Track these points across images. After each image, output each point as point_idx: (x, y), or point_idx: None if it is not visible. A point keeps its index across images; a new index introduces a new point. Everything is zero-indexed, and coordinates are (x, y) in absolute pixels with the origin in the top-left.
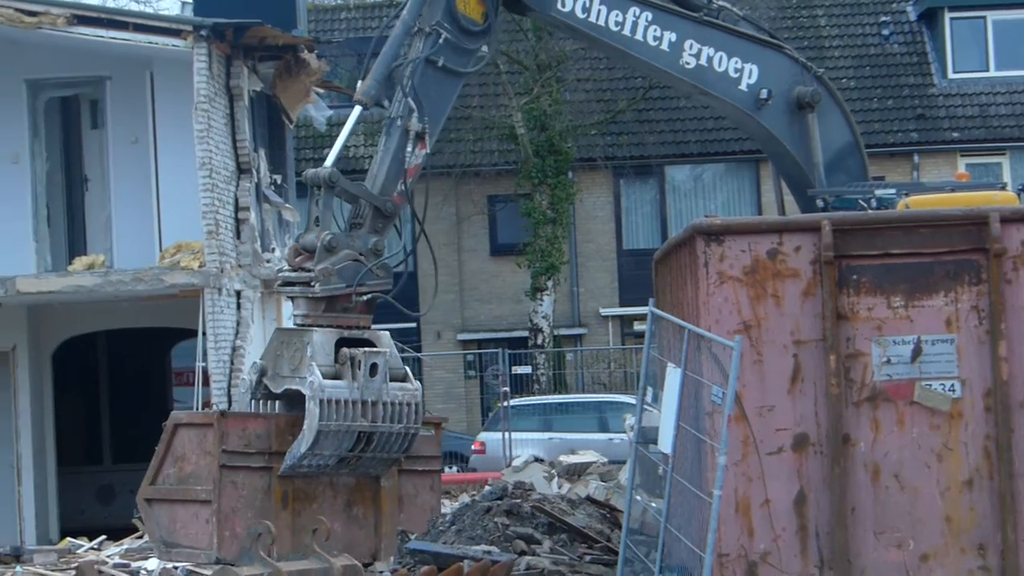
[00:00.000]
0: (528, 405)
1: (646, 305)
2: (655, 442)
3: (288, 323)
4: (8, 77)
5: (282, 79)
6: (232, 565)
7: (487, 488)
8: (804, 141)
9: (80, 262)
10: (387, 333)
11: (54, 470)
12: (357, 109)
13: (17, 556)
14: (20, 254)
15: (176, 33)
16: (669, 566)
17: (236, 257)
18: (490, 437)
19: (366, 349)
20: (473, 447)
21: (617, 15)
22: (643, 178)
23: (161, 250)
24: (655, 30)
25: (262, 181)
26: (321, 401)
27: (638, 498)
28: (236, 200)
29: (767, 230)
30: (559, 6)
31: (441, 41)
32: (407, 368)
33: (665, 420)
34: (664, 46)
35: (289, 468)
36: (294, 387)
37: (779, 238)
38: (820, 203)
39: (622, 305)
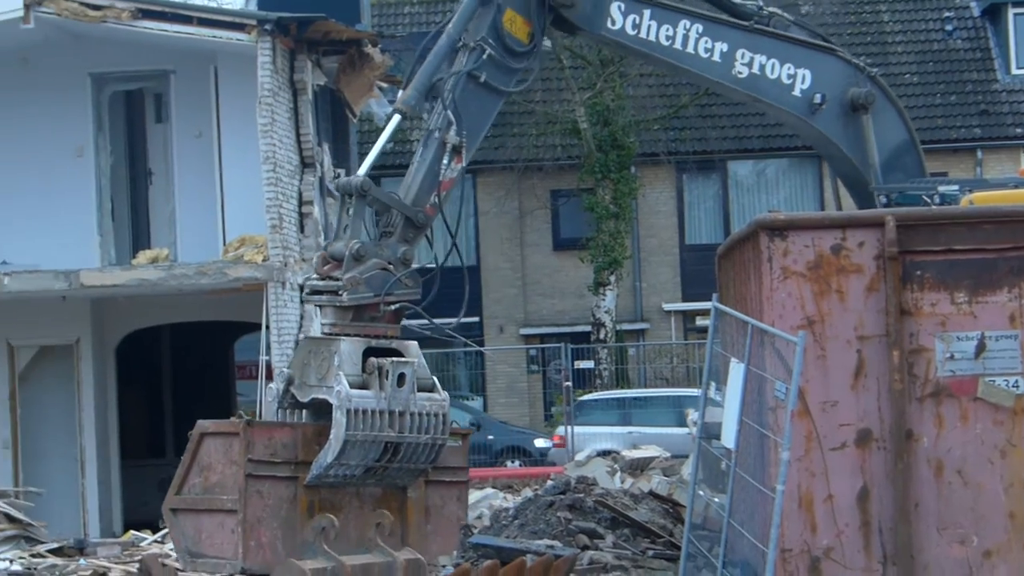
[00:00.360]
0: (605, 399)
1: (708, 300)
2: (718, 437)
3: None
4: (73, 71)
5: (346, 73)
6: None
7: (550, 483)
8: (860, 143)
9: (144, 256)
10: (415, 343)
11: (117, 463)
12: (396, 118)
13: (81, 549)
14: (84, 248)
15: (240, 27)
16: (732, 561)
17: (299, 251)
18: (570, 431)
19: (394, 359)
20: (552, 441)
21: (667, 30)
22: (706, 173)
23: (225, 244)
24: (706, 42)
25: (325, 175)
26: (348, 411)
27: (701, 493)
28: (300, 194)
29: (831, 225)
30: (609, 25)
31: (484, 57)
32: (435, 378)
33: (728, 415)
34: (716, 57)
35: (315, 478)
36: (321, 396)
37: (843, 233)
38: (883, 199)
39: (684, 300)
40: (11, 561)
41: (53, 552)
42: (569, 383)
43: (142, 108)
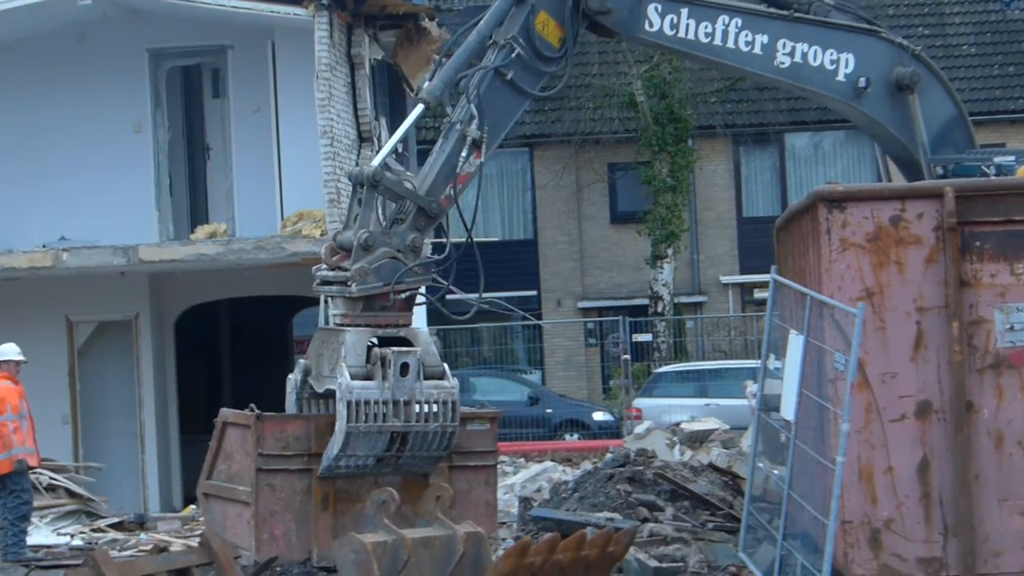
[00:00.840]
0: (682, 371)
1: (766, 273)
2: (777, 409)
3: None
4: (130, 47)
5: (403, 48)
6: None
7: (609, 455)
8: (907, 122)
9: (202, 231)
10: (425, 331)
11: (177, 438)
12: (418, 107)
13: (141, 523)
14: (142, 223)
15: (297, 2)
16: (792, 533)
17: None
18: (647, 403)
19: (395, 348)
20: (631, 412)
21: (706, 26)
22: (762, 145)
23: (283, 218)
24: (746, 35)
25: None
26: (349, 403)
27: (760, 465)
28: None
29: (890, 197)
30: (646, 27)
31: (513, 56)
32: (445, 365)
33: (787, 387)
34: (757, 50)
35: (326, 470)
36: (332, 387)
37: (902, 205)
38: (939, 170)
39: (742, 273)
40: (72, 536)
41: (113, 527)
42: (627, 356)
43: (200, 83)
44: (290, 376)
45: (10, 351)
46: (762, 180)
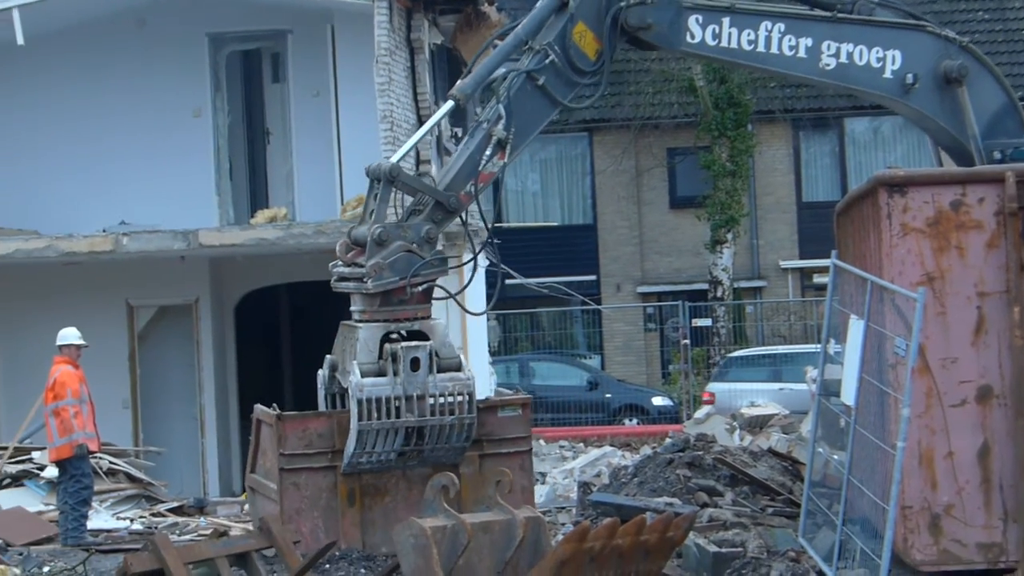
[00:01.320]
0: (755, 356)
1: (825, 257)
2: (837, 394)
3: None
4: (190, 31)
5: (462, 32)
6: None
7: (669, 440)
8: (957, 114)
9: (262, 215)
10: (442, 322)
11: (237, 422)
12: (448, 104)
13: (201, 508)
14: (202, 207)
15: None
16: (852, 518)
17: None
18: (719, 388)
19: (405, 344)
20: (703, 397)
21: (749, 34)
22: (822, 130)
23: (343, 203)
24: (790, 40)
25: (443, 134)
26: (360, 400)
27: (820, 450)
28: (417, 153)
29: (950, 181)
30: (688, 39)
31: (547, 62)
32: (461, 357)
33: (848, 372)
34: (801, 53)
35: (348, 467)
36: None
37: (962, 189)
38: (997, 155)
39: (801, 257)
40: (132, 520)
41: (173, 511)
42: (687, 341)
43: (259, 68)
44: (319, 372)
45: (70, 335)
46: (822, 165)
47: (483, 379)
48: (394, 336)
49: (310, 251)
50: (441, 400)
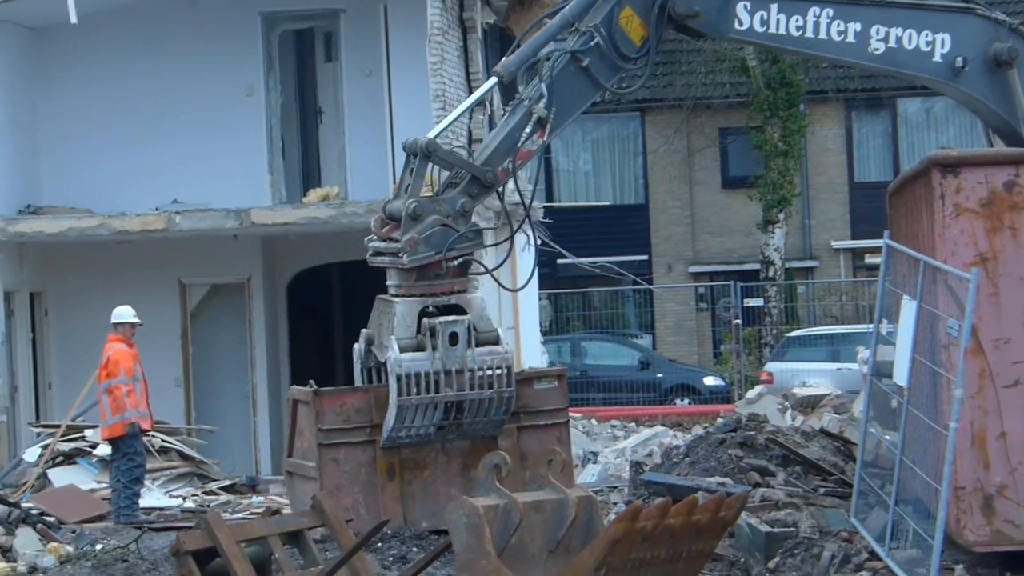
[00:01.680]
0: (813, 336)
1: (877, 238)
2: (890, 375)
3: (522, 254)
4: (243, 10)
5: (515, 12)
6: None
7: (720, 420)
8: (1008, 97)
9: (314, 194)
10: (480, 296)
11: (288, 401)
12: (491, 81)
13: (253, 486)
14: (255, 186)
15: None
16: (904, 499)
17: None
18: (778, 367)
19: (443, 318)
20: (761, 377)
21: (797, 20)
22: (874, 111)
23: (395, 182)
24: (838, 25)
25: (495, 113)
26: (399, 376)
27: (872, 431)
28: (469, 132)
29: (1004, 162)
30: (736, 26)
31: (592, 44)
32: (499, 330)
33: (900, 353)
34: (850, 38)
35: (387, 441)
36: None
37: (1015, 170)
38: None
39: (853, 238)
40: (184, 498)
41: (225, 489)
42: (739, 321)
43: (312, 47)
44: (355, 346)
45: (125, 314)
46: (874, 145)
47: (535, 359)
48: (431, 310)
49: (362, 230)
50: (480, 374)
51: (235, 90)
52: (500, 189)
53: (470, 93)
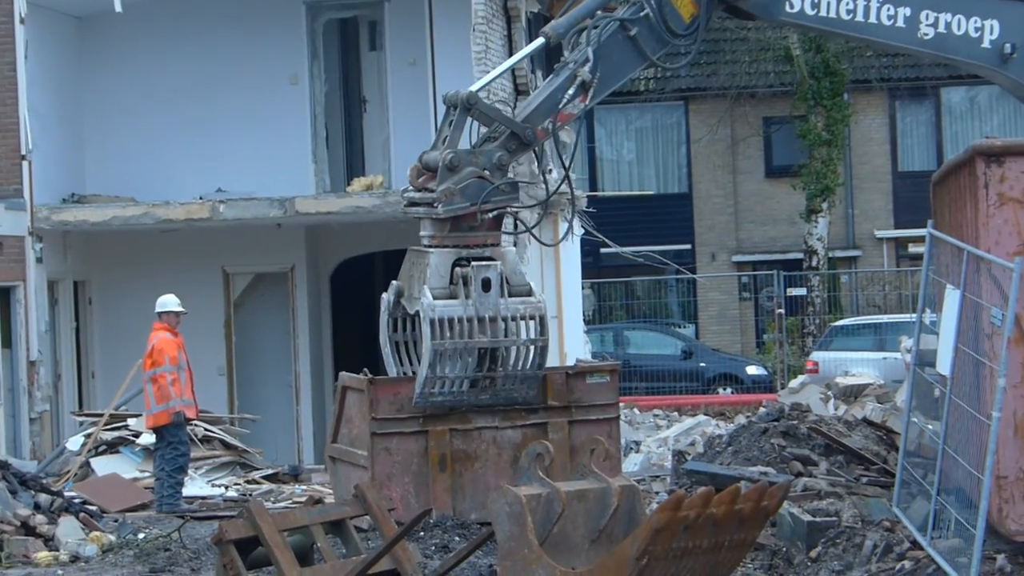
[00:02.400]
0: (858, 325)
1: (921, 227)
2: (933, 364)
3: (565, 244)
4: (287, 0)
5: (559, 0)
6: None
7: (763, 410)
8: None
9: (358, 183)
10: (513, 250)
11: (331, 390)
12: (538, 41)
13: (295, 475)
14: (299, 175)
15: None
16: (946, 489)
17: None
18: (823, 356)
19: (476, 263)
20: (807, 366)
21: (848, 3)
22: (918, 100)
23: None
24: (888, 9)
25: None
26: (432, 320)
27: (915, 420)
28: (516, 91)
29: None
30: (787, 9)
31: (641, 15)
32: (531, 283)
33: (943, 342)
34: (900, 23)
35: (420, 396)
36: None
37: None
38: None
39: (897, 227)
40: (226, 487)
41: (268, 478)
42: (782, 310)
43: (356, 36)
44: (383, 295)
45: (170, 302)
46: (918, 134)
47: (578, 348)
48: (463, 264)
49: (406, 219)
50: (513, 323)
51: (279, 79)
52: (537, 150)
53: (514, 82)
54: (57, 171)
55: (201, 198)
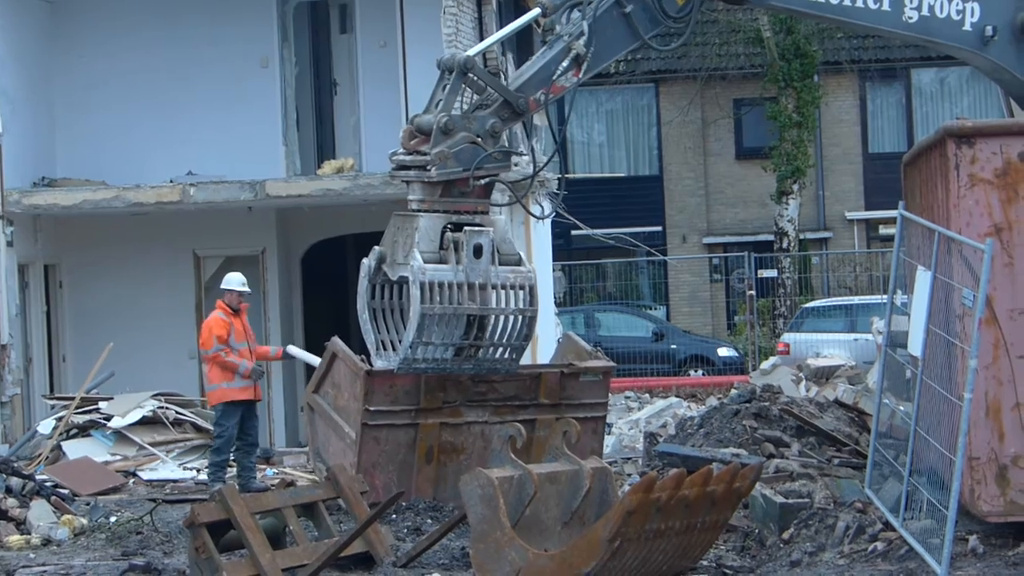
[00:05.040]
0: (830, 307)
1: (891, 209)
2: (904, 345)
3: (536, 226)
4: None
5: None
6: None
7: (735, 391)
8: None
9: (329, 166)
10: (503, 219)
11: (303, 373)
12: (534, 11)
13: (267, 458)
14: (270, 158)
15: None
16: (918, 469)
17: None
18: (795, 338)
19: (468, 228)
20: (778, 347)
21: None
22: (888, 81)
23: None
24: None
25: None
26: (423, 284)
27: (887, 401)
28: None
29: (1019, 132)
30: None
31: None
32: (521, 254)
33: (915, 323)
34: (885, 6)
35: (403, 362)
36: (405, 273)
37: None
38: None
39: (867, 209)
40: (198, 470)
41: None
42: (752, 292)
43: (327, 18)
44: (364, 260)
45: (232, 280)
46: (888, 116)
47: (549, 330)
48: (453, 229)
49: (377, 202)
50: (503, 291)
51: (250, 62)
52: (527, 122)
53: (485, 65)
54: (27, 154)
55: (172, 181)
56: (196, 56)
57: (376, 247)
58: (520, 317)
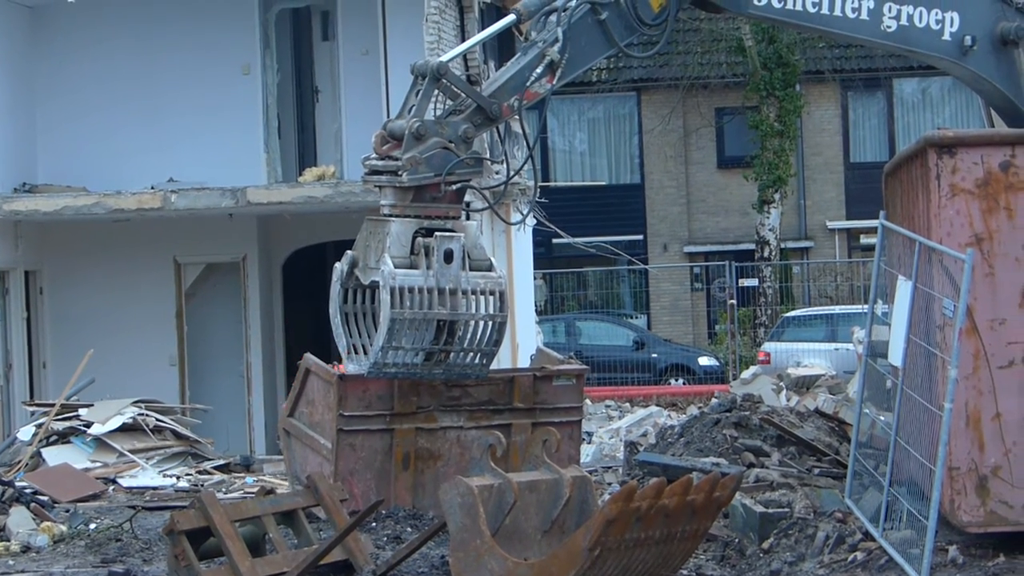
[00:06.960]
0: (811, 316)
1: (873, 218)
2: (885, 355)
3: (517, 234)
4: None
5: None
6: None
7: (715, 400)
8: (1013, 76)
9: (310, 173)
10: (474, 224)
11: (284, 380)
12: (509, 17)
13: (247, 466)
14: (251, 165)
15: None
16: (898, 480)
17: None
18: (775, 347)
19: (439, 234)
20: (759, 356)
21: None
22: (870, 91)
23: None
24: (852, 2)
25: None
26: (392, 288)
27: (867, 411)
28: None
29: (1000, 143)
30: (755, 2)
31: (612, 0)
32: (492, 259)
33: (895, 333)
34: (864, 16)
35: (373, 366)
36: (376, 278)
37: (1012, 151)
38: None
39: (849, 218)
40: (178, 478)
41: (219, 469)
42: (733, 301)
43: (309, 26)
44: (336, 265)
45: None
46: (870, 126)
47: (530, 338)
48: (424, 234)
49: (358, 209)
50: (473, 297)
51: (231, 69)
52: (502, 127)
53: (467, 73)
54: (8, 160)
55: (153, 188)
56: (178, 63)
57: (348, 251)
58: (490, 322)
